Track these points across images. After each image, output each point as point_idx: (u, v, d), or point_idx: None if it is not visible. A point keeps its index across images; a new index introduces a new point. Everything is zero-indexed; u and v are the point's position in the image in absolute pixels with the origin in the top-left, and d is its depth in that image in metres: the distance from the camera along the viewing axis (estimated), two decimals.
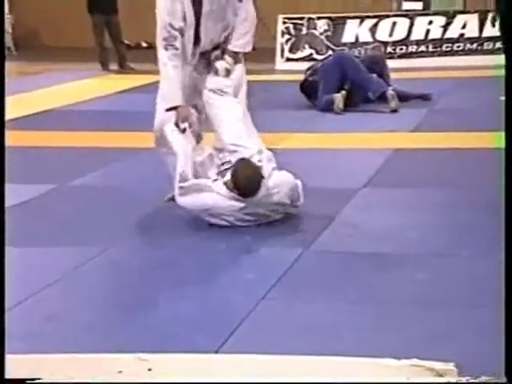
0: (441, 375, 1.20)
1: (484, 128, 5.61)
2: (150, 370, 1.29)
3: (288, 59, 10.98)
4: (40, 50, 14.40)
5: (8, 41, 15.15)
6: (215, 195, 3.72)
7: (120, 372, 1.30)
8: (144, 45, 14.23)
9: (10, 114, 7.16)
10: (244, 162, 3.75)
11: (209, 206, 3.73)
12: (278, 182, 3.78)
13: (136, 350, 1.25)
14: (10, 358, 1.27)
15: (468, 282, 2.97)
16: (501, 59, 3.43)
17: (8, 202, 4.18)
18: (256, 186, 3.69)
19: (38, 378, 1.22)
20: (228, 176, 3.75)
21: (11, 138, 6.03)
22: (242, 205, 3.72)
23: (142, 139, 4.74)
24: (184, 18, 3.67)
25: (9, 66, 13.29)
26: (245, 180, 3.69)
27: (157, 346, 2.31)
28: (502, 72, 3.18)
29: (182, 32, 3.69)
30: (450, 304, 2.80)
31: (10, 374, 1.24)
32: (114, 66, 11.19)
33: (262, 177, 3.72)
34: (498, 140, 2.85)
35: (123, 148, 5.57)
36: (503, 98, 2.83)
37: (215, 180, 3.82)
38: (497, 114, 3.46)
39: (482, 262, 3.08)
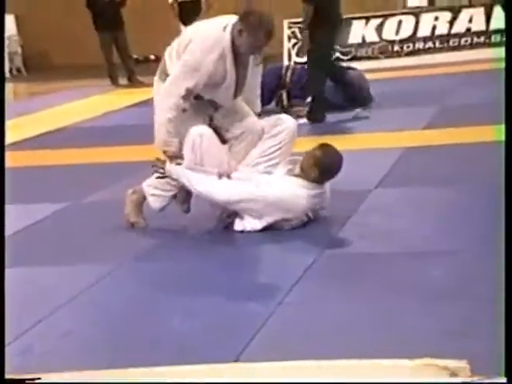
0: (454, 373, 1.19)
1: (495, 121, 5.58)
2: None
3: (295, 63, 10.98)
4: (50, 70, 14.51)
5: (18, 62, 15.31)
6: (286, 184, 3.73)
7: None
8: (152, 58, 14.31)
9: (22, 134, 7.25)
10: (325, 144, 3.84)
11: (283, 195, 3.69)
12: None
13: (151, 364, 1.25)
14: (24, 377, 1.27)
15: (479, 279, 2.96)
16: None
17: (22, 222, 4.25)
18: (340, 163, 3.77)
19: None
20: (291, 165, 3.80)
21: (24, 158, 6.13)
22: (315, 191, 3.73)
23: (153, 152, 4.75)
24: (224, 76, 3.70)
25: (19, 86, 13.41)
26: (331, 157, 3.76)
27: (172, 359, 2.30)
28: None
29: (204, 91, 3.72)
30: (462, 300, 2.79)
31: None
32: (123, 81, 11.26)
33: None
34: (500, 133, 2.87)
35: (135, 162, 5.59)
36: None
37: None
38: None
39: (493, 258, 3.05)
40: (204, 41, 3.66)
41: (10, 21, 15.14)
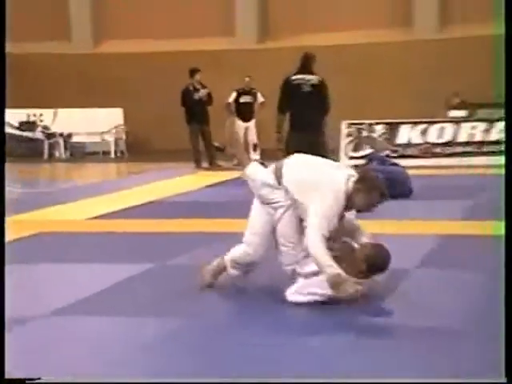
0: None
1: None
2: None
3: (351, 157, 11.15)
4: (147, 154, 15.00)
5: (122, 146, 15.89)
6: None
7: None
8: None
9: (117, 206, 7.43)
10: (377, 245, 3.69)
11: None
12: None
13: None
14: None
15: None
16: None
17: (112, 279, 4.32)
18: (387, 264, 3.64)
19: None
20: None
21: (120, 226, 6.25)
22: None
23: (228, 225, 4.80)
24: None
25: (121, 166, 13.85)
26: (381, 252, 3.64)
27: None
28: None
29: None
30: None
31: None
32: (205, 164, 11.55)
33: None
34: None
35: (208, 233, 5.66)
36: None
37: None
38: None
39: None
40: (335, 190, 3.64)
41: (118, 113, 15.79)
